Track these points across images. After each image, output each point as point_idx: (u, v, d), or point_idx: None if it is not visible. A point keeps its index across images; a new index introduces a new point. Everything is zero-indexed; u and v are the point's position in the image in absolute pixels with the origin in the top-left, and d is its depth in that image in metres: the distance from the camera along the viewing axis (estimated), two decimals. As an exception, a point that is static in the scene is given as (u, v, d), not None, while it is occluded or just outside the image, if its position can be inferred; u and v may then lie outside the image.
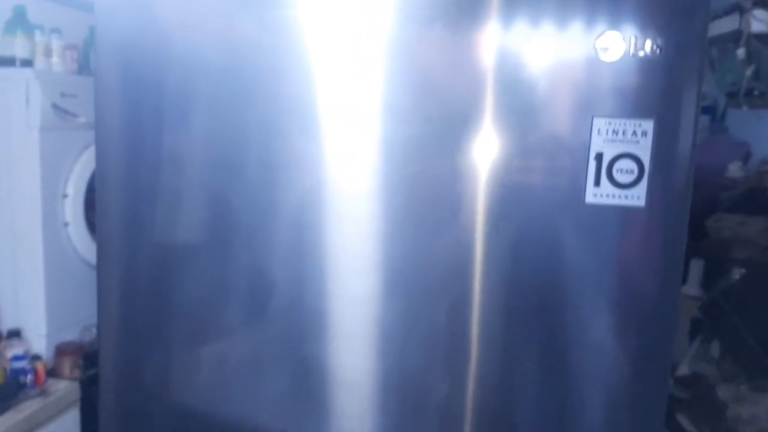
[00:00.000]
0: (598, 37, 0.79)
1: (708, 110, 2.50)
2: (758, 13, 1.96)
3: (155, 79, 0.97)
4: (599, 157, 0.80)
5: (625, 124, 0.79)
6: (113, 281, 1.05)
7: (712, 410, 1.62)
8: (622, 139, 0.80)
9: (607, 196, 0.81)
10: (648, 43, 0.78)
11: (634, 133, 0.79)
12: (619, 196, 0.81)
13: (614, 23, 0.79)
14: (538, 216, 0.86)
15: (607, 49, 0.78)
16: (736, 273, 1.90)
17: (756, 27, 1.98)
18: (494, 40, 0.84)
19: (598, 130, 0.80)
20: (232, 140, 0.95)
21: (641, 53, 0.78)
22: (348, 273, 0.94)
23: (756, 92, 2.13)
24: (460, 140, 0.86)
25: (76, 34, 1.96)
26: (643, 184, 0.80)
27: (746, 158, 2.37)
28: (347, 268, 0.94)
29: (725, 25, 2.16)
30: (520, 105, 0.84)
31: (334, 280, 0.94)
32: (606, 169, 0.80)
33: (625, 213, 0.82)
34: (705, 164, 2.25)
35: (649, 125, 0.79)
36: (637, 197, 0.80)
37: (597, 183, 0.81)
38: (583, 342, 0.88)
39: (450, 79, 0.85)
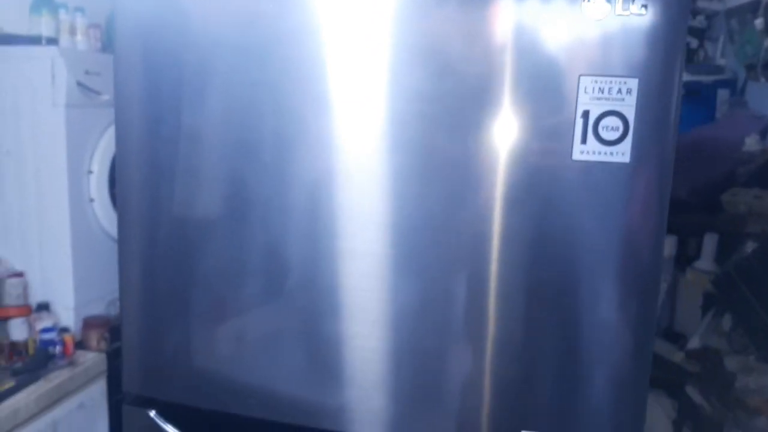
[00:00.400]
0: None
1: (727, 83, 2.46)
2: (776, -17, 1.92)
3: (174, 57, 0.99)
4: (586, 115, 0.82)
5: (610, 82, 0.81)
6: (134, 255, 1.09)
7: (720, 382, 1.62)
8: (608, 97, 0.81)
9: (593, 152, 0.83)
10: (634, 3, 0.79)
11: (620, 90, 0.81)
12: (605, 153, 0.83)
13: None
14: (545, 187, 0.87)
15: (593, 7, 0.80)
16: (749, 247, 1.89)
17: (774, -3, 1.94)
18: (502, 12, 0.86)
19: (585, 88, 0.82)
20: (247, 118, 0.97)
21: (627, 12, 0.79)
22: (362, 245, 0.95)
23: (775, 64, 2.09)
24: (476, 116, 0.87)
25: (100, 13, 1.99)
26: (628, 140, 0.82)
27: (765, 132, 2.33)
28: (361, 241, 0.95)
29: (744, -4, 2.13)
30: (529, 75, 0.86)
31: (349, 252, 0.96)
32: (592, 127, 0.82)
33: (611, 169, 0.84)
34: (723, 138, 2.22)
35: (633, 83, 0.81)
36: (622, 153, 0.82)
37: (584, 140, 0.83)
38: (590, 307, 0.90)
39: (463, 56, 0.87)
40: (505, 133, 0.88)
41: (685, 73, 2.29)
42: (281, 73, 0.93)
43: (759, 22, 1.99)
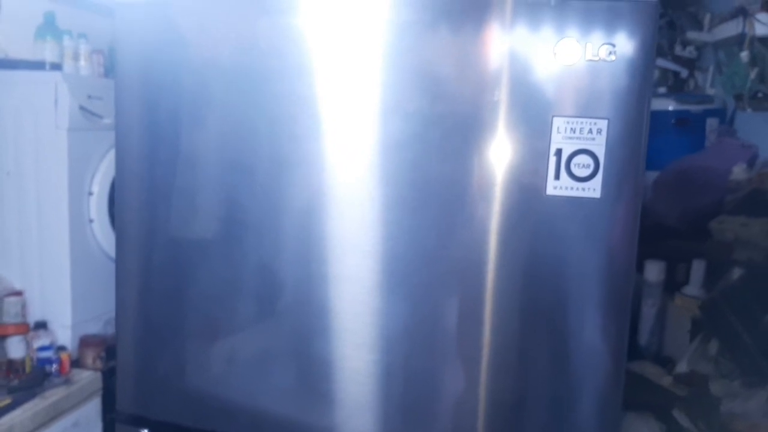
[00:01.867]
0: (557, 42, 0.84)
1: (717, 112, 2.51)
2: (761, 16, 1.98)
3: (172, 81, 1.01)
4: (559, 153, 0.86)
5: (582, 123, 0.85)
6: (131, 276, 1.10)
7: (706, 406, 1.64)
8: (579, 137, 0.85)
9: (566, 188, 0.87)
10: (603, 49, 0.83)
11: (590, 131, 0.85)
12: (577, 189, 0.86)
13: (572, 30, 0.84)
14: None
15: (565, 52, 0.84)
16: (736, 273, 1.92)
17: (760, 30, 2.00)
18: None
19: (558, 128, 0.86)
20: (242, 140, 0.98)
21: (596, 58, 0.83)
22: (354, 270, 0.96)
23: (760, 95, 2.14)
24: (468, 140, 0.89)
25: (103, 39, 2.04)
26: (599, 177, 0.86)
27: (753, 161, 2.38)
28: (353, 266, 0.96)
29: (730, 29, 2.19)
30: (516, 107, 0.89)
31: (340, 277, 0.97)
32: (565, 164, 0.86)
33: (582, 204, 0.88)
34: (712, 167, 2.26)
35: (603, 124, 0.85)
36: (593, 189, 0.86)
37: (557, 176, 0.86)
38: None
39: (455, 81, 0.89)
40: (496, 160, 0.91)
41: (675, 102, 2.35)
42: (276, 97, 0.95)
43: (744, 55, 2.04)
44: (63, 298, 1.80)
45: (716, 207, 2.19)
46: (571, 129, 0.86)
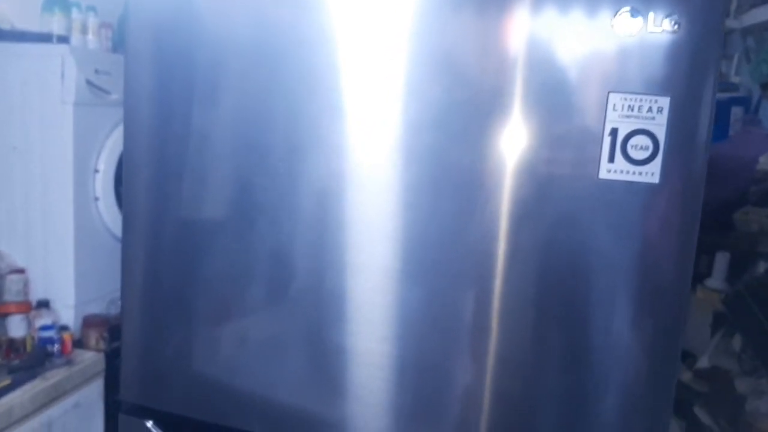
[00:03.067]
0: (616, 13, 0.78)
1: (742, 101, 2.44)
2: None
3: (185, 57, 0.98)
4: (614, 133, 0.80)
5: (641, 100, 0.79)
6: (138, 256, 1.08)
7: (730, 403, 1.60)
8: (638, 115, 0.79)
9: (621, 172, 0.81)
10: (666, 20, 0.77)
11: (650, 109, 0.79)
12: (634, 173, 0.80)
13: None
14: (564, 203, 0.86)
15: (624, 23, 0.78)
16: (762, 267, 1.87)
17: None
18: (521, 25, 0.84)
19: (614, 105, 0.79)
20: (258, 120, 0.96)
21: (659, 30, 0.77)
22: (370, 257, 0.94)
23: (787, 82, 2.07)
24: (487, 126, 0.85)
25: (112, 12, 1.99)
26: (658, 160, 0.80)
27: (779, 151, 2.31)
28: (369, 253, 0.94)
29: (762, 14, 2.11)
30: (548, 89, 0.84)
31: (356, 264, 0.95)
32: (621, 145, 0.80)
33: (639, 190, 0.82)
34: (736, 156, 2.20)
35: (665, 102, 0.78)
36: (651, 174, 0.80)
37: (611, 159, 0.80)
38: (602, 328, 0.88)
39: (477, 65, 0.85)
40: (518, 146, 0.86)
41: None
42: (295, 78, 0.92)
43: (774, 41, 1.96)
44: (66, 277, 1.76)
45: (741, 197, 2.13)
46: (629, 107, 0.79)
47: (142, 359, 1.11)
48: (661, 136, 0.79)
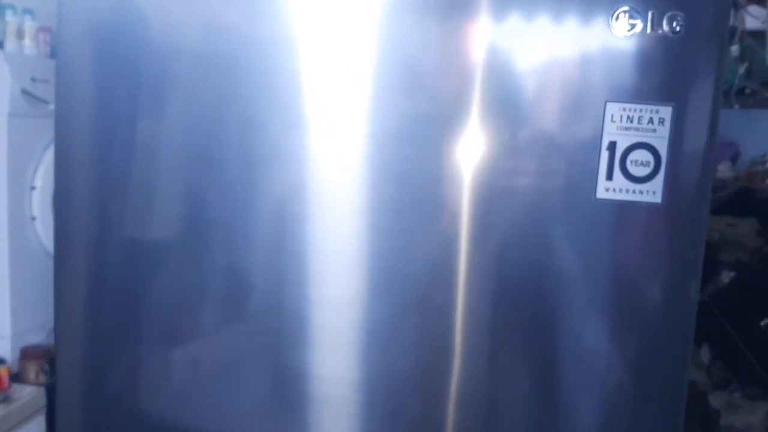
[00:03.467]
0: (613, 12, 0.73)
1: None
2: (753, 9, 1.93)
3: (129, 63, 0.91)
4: (612, 147, 0.74)
5: (641, 111, 0.73)
6: (76, 281, 1.00)
7: (703, 418, 1.58)
8: (638, 127, 0.74)
9: (620, 190, 0.75)
10: (668, 20, 0.72)
11: (651, 120, 0.73)
12: (634, 191, 0.75)
13: None
14: (527, 217, 0.81)
15: (621, 24, 0.72)
16: (726, 276, 1.88)
17: (750, 23, 1.95)
18: (495, 31, 0.80)
19: (612, 116, 0.74)
20: (210, 132, 0.90)
21: (659, 31, 0.72)
22: (330, 274, 0.90)
23: (748, 91, 2.11)
24: (450, 138, 0.82)
25: (51, 16, 1.90)
26: (660, 177, 0.74)
27: (736, 158, 2.35)
28: (329, 269, 0.89)
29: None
30: (512, 97, 0.80)
31: (316, 282, 0.90)
32: (620, 160, 0.75)
33: (638, 209, 0.77)
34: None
35: (666, 111, 0.73)
36: (652, 192, 0.74)
37: (609, 176, 0.75)
38: (579, 356, 0.84)
39: (440, 75, 0.82)
40: (528, 153, 0.81)
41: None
42: (250, 86, 0.87)
43: (734, 49, 1.99)
44: (1, 305, 1.66)
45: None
46: (628, 117, 0.73)
47: (83, 392, 1.03)
48: (663, 150, 0.74)
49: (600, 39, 0.74)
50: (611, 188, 0.75)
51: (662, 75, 0.74)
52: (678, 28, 0.71)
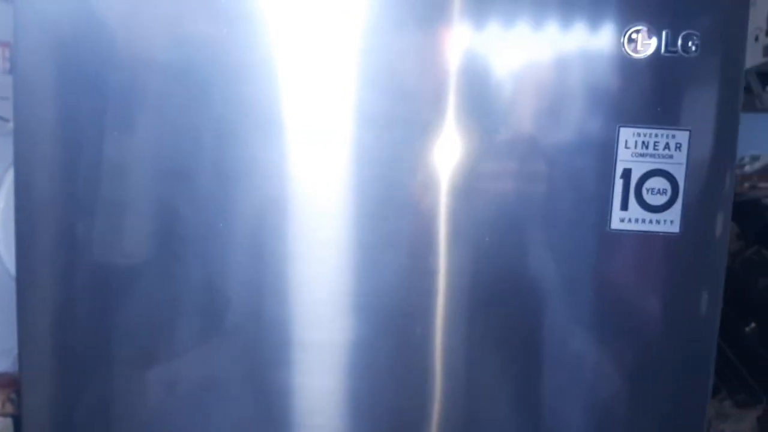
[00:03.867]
0: (626, 31, 0.70)
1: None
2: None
3: (95, 78, 0.86)
4: (627, 174, 0.70)
5: (656, 135, 0.70)
6: (41, 304, 0.94)
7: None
8: (653, 153, 0.71)
9: (636, 221, 0.72)
10: (683, 39, 0.69)
11: (667, 146, 0.70)
12: (650, 221, 0.72)
13: (644, 14, 0.70)
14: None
15: (634, 45, 0.69)
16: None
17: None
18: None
19: (626, 142, 0.70)
20: (183, 145, 0.86)
21: (675, 51, 0.69)
22: (311, 288, 0.86)
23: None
24: (429, 148, 0.80)
25: (9, 30, 1.82)
26: (677, 206, 0.71)
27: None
28: (310, 282, 0.86)
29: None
30: (516, 116, 0.78)
31: (296, 297, 0.86)
32: (635, 189, 0.71)
33: (656, 242, 0.74)
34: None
35: (683, 137, 0.70)
36: (670, 222, 0.71)
37: (624, 206, 0.71)
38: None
39: (419, 81, 0.80)
40: (534, 182, 0.78)
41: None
42: (224, 96, 0.84)
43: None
44: None
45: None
46: (643, 143, 0.70)
47: (51, 426, 0.96)
48: (681, 178, 0.71)
49: (612, 59, 0.71)
50: (626, 218, 0.72)
51: (678, 97, 0.71)
52: (694, 48, 0.68)
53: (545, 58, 0.75)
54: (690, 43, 0.68)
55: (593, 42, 0.72)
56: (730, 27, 0.69)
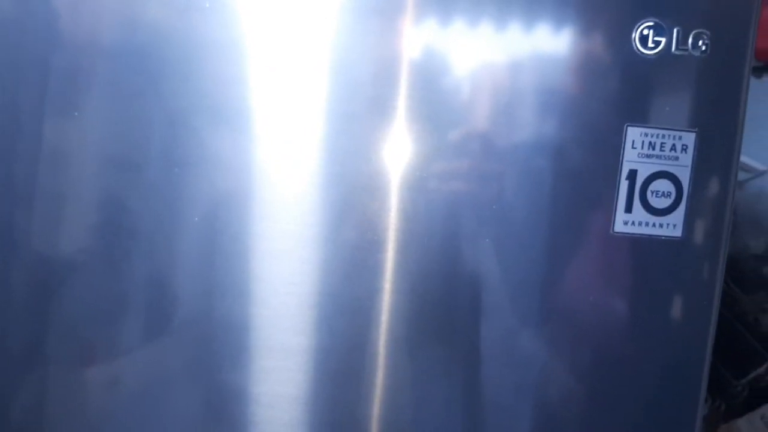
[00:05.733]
0: (636, 27, 0.68)
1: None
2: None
3: (37, 60, 0.81)
4: (632, 176, 0.69)
5: (663, 136, 0.69)
6: None
7: None
8: (660, 154, 0.70)
9: (640, 224, 0.71)
10: (694, 39, 0.68)
11: (673, 147, 0.69)
12: (654, 224, 0.71)
13: (655, 11, 0.69)
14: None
15: (645, 42, 0.68)
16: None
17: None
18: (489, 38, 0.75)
19: (633, 142, 0.69)
20: (131, 134, 0.82)
21: (685, 50, 0.68)
22: (263, 283, 0.83)
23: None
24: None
25: None
26: (681, 210, 0.71)
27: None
28: (261, 278, 0.83)
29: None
30: (557, 120, 0.76)
31: (253, 290, 0.84)
32: (640, 191, 0.70)
33: (659, 246, 0.74)
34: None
35: (690, 138, 0.69)
36: (673, 226, 0.70)
37: (628, 208, 0.70)
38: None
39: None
40: (536, 182, 0.77)
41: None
42: (175, 82, 0.80)
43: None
44: None
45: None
46: (650, 144, 0.69)
47: None
48: (686, 180, 0.70)
49: (622, 55, 0.70)
50: (630, 221, 0.71)
51: (686, 97, 0.70)
52: (704, 48, 0.67)
53: (561, 54, 0.75)
54: (701, 42, 0.67)
55: (604, 38, 0.71)
56: (738, 26, 0.69)
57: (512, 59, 0.77)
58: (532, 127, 0.76)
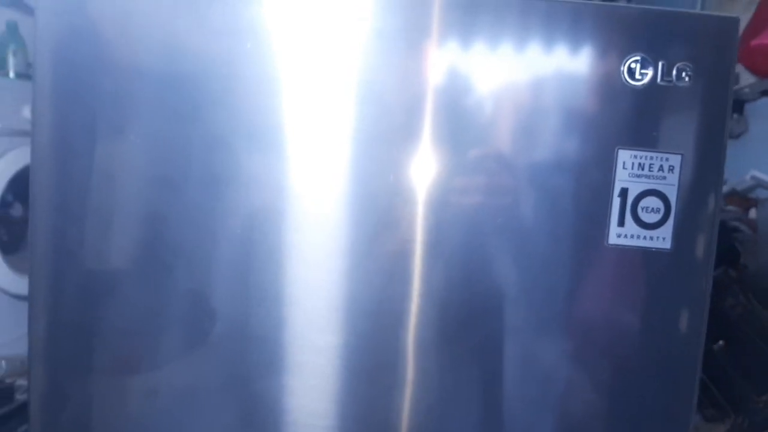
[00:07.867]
0: (625, 60, 0.74)
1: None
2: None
3: (87, 85, 0.87)
4: (624, 193, 0.75)
5: (652, 158, 0.75)
6: (41, 311, 0.93)
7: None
8: (649, 174, 0.75)
9: (632, 236, 0.76)
10: (678, 70, 0.74)
11: (661, 168, 0.75)
12: (645, 237, 0.76)
13: (643, 45, 0.75)
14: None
15: (634, 73, 0.74)
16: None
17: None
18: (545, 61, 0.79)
19: (624, 163, 0.75)
20: (172, 154, 0.87)
21: (670, 80, 0.74)
22: (299, 298, 0.87)
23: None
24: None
25: None
26: (669, 224, 0.76)
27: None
28: (298, 293, 0.87)
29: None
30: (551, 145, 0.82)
31: (287, 305, 0.87)
32: (631, 207, 0.76)
33: (649, 257, 0.78)
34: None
35: (676, 160, 0.75)
36: (662, 239, 0.76)
37: (621, 222, 0.76)
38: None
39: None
40: (542, 199, 0.81)
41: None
42: (215, 105, 0.85)
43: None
44: None
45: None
46: (639, 165, 0.75)
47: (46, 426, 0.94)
48: (673, 198, 0.75)
49: (612, 86, 0.75)
50: (623, 234, 0.76)
51: (672, 123, 0.75)
52: (687, 78, 0.73)
53: (552, 83, 0.79)
54: (684, 74, 0.73)
55: (596, 70, 0.76)
56: (720, 60, 0.74)
57: (518, 85, 0.81)
58: (549, 146, 0.80)
